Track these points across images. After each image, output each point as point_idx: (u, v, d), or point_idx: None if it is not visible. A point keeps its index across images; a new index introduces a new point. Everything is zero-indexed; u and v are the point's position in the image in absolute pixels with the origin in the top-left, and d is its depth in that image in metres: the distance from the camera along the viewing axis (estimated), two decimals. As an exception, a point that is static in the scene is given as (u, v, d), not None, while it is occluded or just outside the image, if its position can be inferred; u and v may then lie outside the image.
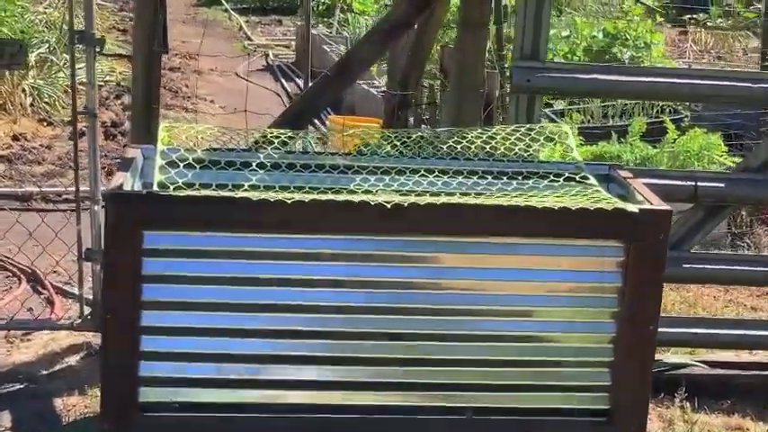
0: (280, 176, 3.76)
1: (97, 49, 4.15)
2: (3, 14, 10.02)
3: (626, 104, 8.95)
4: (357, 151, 4.03)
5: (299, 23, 16.89)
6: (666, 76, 4.54)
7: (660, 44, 10.66)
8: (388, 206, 3.30)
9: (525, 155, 3.91)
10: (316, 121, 8.52)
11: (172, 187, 3.37)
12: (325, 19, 14.87)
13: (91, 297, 4.52)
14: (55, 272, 5.52)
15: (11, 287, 5.43)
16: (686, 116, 8.60)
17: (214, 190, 3.41)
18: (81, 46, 4.13)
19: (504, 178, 3.84)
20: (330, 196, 3.34)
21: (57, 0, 12.60)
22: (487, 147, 3.92)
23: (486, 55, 5.16)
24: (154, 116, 4.38)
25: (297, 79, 12.88)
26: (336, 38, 13.65)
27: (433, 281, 3.45)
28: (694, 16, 16.53)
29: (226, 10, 18.24)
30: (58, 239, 4.96)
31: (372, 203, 3.30)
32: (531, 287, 3.49)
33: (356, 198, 3.33)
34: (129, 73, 11.21)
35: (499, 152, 3.92)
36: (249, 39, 16.58)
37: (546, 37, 4.28)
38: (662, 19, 12.81)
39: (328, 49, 12.26)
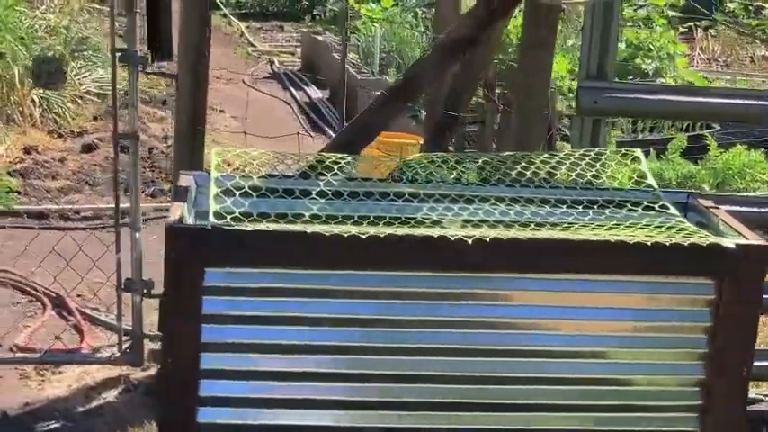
0: (342, 205, 3.53)
1: (139, 68, 3.91)
2: (4, 21, 9.76)
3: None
4: (412, 176, 3.80)
5: (303, 30, 16.68)
6: (741, 98, 4.32)
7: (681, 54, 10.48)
8: (469, 241, 3.06)
9: (597, 182, 3.69)
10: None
11: (229, 217, 3.14)
12: (333, 26, 14.63)
13: (130, 328, 4.27)
14: (79, 296, 5.29)
15: (35, 313, 5.18)
16: (717, 130, 8.40)
17: (273, 220, 3.18)
18: (81, 52, 3.90)
19: (580, 207, 3.61)
20: (407, 231, 3.11)
21: (54, 5, 12.36)
22: (557, 173, 3.70)
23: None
24: (199, 138, 4.12)
25: (305, 87, 12.66)
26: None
27: (512, 320, 3.22)
28: (699, 24, 16.39)
29: (225, 15, 17.99)
30: (82, 260, 4.71)
31: (452, 238, 3.06)
32: (613, 326, 3.26)
33: (435, 233, 3.09)
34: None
35: (570, 179, 3.70)
36: (252, 45, 16.35)
37: (614, 55, 4.04)
38: (684, 29, 12.61)
39: (338, 57, 12.03)
